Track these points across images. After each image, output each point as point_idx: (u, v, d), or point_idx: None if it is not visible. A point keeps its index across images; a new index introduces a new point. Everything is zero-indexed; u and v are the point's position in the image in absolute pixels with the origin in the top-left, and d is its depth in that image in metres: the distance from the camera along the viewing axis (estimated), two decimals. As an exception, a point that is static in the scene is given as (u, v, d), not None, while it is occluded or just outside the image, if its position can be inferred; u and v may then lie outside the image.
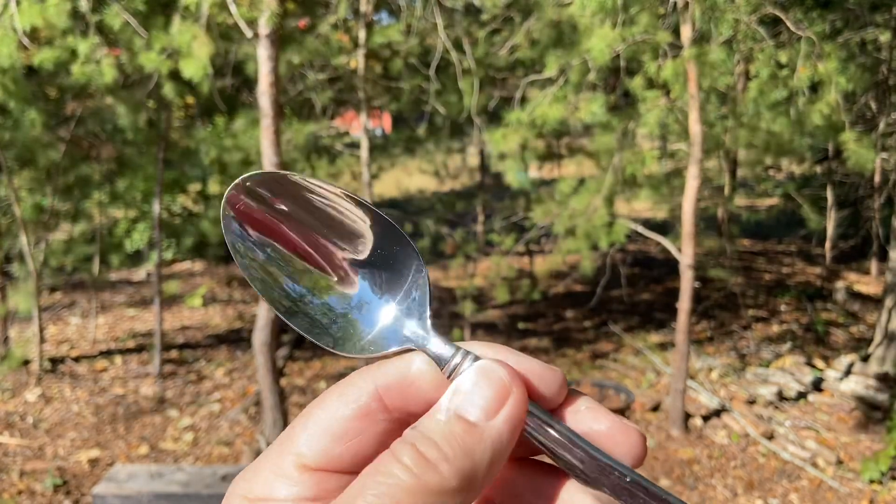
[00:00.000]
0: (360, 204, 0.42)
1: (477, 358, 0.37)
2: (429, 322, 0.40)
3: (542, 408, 0.37)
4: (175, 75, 5.03)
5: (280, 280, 0.42)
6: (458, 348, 0.38)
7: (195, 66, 4.35)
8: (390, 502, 0.32)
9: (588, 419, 0.37)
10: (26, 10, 4.44)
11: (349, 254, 0.42)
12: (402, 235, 0.42)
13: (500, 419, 0.35)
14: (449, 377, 0.37)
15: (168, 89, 5.39)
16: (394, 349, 0.40)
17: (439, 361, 0.38)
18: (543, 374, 0.38)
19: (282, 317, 0.42)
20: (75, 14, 4.64)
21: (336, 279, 0.42)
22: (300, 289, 0.42)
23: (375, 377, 0.38)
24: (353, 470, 0.36)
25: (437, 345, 0.39)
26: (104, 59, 4.78)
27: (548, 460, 0.38)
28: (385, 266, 0.42)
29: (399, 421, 0.38)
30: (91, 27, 4.72)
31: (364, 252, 0.42)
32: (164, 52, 4.76)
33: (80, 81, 4.94)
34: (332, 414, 0.37)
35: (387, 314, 0.42)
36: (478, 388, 0.36)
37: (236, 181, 0.41)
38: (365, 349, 0.41)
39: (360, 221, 0.42)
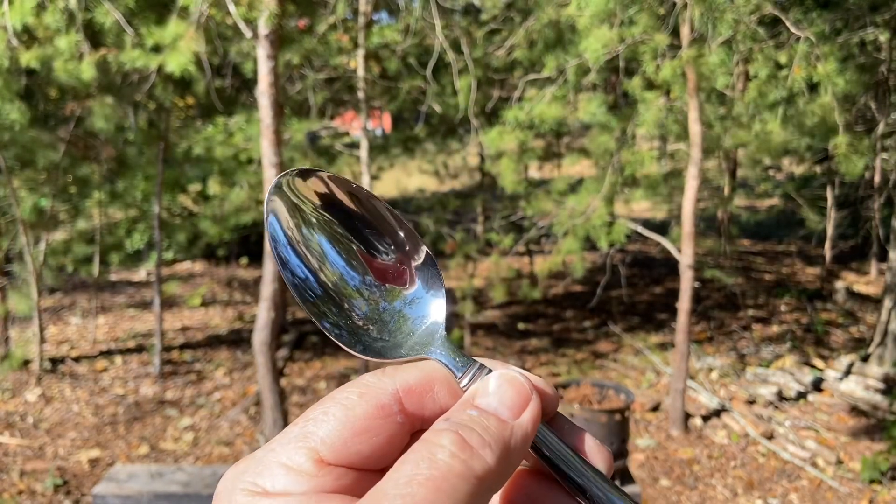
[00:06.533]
0: (387, 210, 0.44)
1: (489, 371, 0.40)
2: (444, 332, 0.42)
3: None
4: (171, 75, 5.03)
5: (316, 274, 0.42)
6: (474, 361, 0.40)
7: (179, 60, 4.35)
8: (445, 485, 0.33)
9: (571, 436, 0.41)
10: (18, 8, 4.42)
11: (378, 257, 0.44)
12: (425, 249, 0.44)
13: (526, 417, 0.37)
14: (463, 387, 0.39)
15: (161, 89, 5.38)
16: (410, 357, 0.41)
17: (454, 371, 0.40)
18: (546, 387, 0.41)
19: (300, 301, 0.42)
20: (64, 11, 4.64)
21: (362, 282, 0.43)
22: (334, 283, 0.43)
23: (396, 379, 0.39)
24: (366, 467, 0.37)
25: (453, 356, 0.41)
26: (86, 57, 4.76)
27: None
28: (403, 273, 0.44)
29: (410, 425, 0.39)
30: (77, 24, 4.71)
31: (386, 258, 0.44)
32: (156, 49, 4.75)
33: (60, 78, 4.92)
34: (353, 410, 0.37)
35: (404, 323, 0.43)
36: (503, 391, 0.38)
37: (282, 176, 0.43)
38: (381, 353, 0.42)
39: (386, 226, 0.44)
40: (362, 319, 0.42)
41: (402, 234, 0.44)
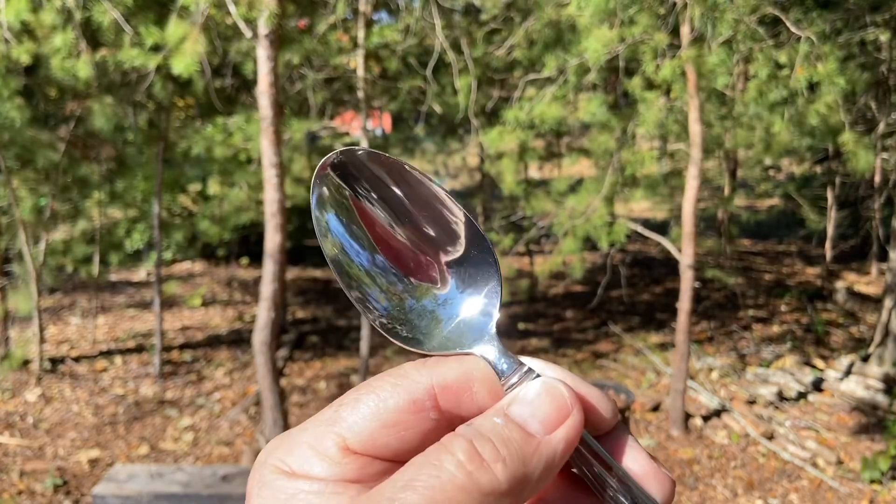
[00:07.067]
0: (448, 198, 0.41)
1: (537, 375, 0.37)
2: (494, 331, 0.40)
3: (590, 434, 0.38)
4: (171, 75, 5.02)
5: (359, 258, 0.41)
6: (521, 363, 0.38)
7: (185, 62, 4.34)
8: (441, 496, 0.31)
9: (627, 457, 0.38)
10: (14, 4, 4.41)
11: (430, 246, 0.41)
12: (484, 239, 0.41)
13: (558, 436, 0.35)
14: (506, 389, 0.37)
15: (160, 89, 5.37)
16: (455, 352, 0.39)
17: (498, 372, 0.38)
18: (599, 401, 0.38)
19: (341, 282, 0.41)
20: (62, 10, 4.63)
21: (413, 270, 0.41)
22: (392, 290, 0.41)
23: (433, 374, 0.37)
24: (393, 459, 0.36)
25: (499, 355, 0.39)
26: (83, 55, 4.75)
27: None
28: (461, 268, 0.41)
29: (446, 422, 0.37)
30: (73, 21, 4.70)
31: (445, 249, 0.41)
32: (155, 48, 4.74)
33: (57, 76, 4.91)
34: (384, 402, 0.36)
35: (453, 316, 0.41)
36: (540, 402, 0.36)
37: (332, 155, 0.41)
38: (429, 346, 0.40)
39: (446, 216, 0.41)
40: (412, 313, 0.41)
41: (457, 222, 0.41)
